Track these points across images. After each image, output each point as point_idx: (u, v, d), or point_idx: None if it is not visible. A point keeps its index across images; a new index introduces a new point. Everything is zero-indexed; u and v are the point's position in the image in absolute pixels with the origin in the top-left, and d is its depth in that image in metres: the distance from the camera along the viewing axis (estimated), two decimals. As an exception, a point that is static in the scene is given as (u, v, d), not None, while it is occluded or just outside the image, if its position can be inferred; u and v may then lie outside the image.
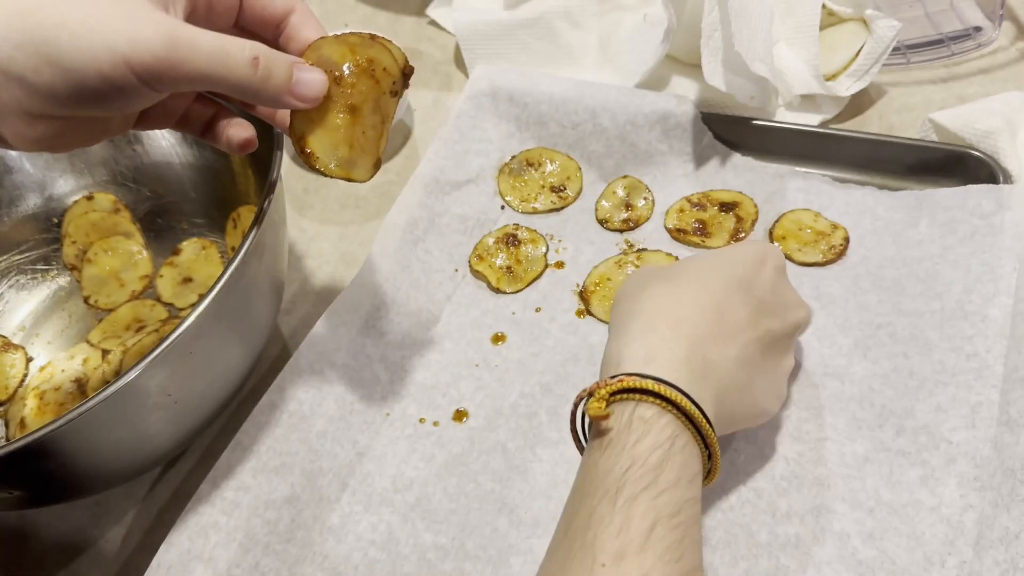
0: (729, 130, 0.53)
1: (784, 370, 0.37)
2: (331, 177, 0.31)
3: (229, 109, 0.33)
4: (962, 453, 0.37)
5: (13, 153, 0.49)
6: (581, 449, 0.33)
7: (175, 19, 0.26)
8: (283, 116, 0.32)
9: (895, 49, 0.54)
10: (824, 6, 0.54)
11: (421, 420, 0.43)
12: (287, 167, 0.58)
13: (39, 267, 0.51)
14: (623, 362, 0.32)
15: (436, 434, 0.43)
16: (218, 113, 0.32)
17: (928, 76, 0.57)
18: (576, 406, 0.33)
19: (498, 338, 0.47)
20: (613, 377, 0.31)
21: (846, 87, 0.53)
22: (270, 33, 0.31)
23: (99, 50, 0.25)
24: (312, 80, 0.29)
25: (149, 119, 0.32)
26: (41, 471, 0.33)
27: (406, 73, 0.31)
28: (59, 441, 0.31)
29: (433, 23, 0.66)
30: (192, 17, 0.29)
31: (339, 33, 0.30)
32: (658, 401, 0.30)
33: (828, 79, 0.54)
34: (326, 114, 0.30)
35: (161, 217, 0.52)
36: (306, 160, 0.30)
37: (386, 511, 0.40)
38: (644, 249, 0.49)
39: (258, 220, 0.35)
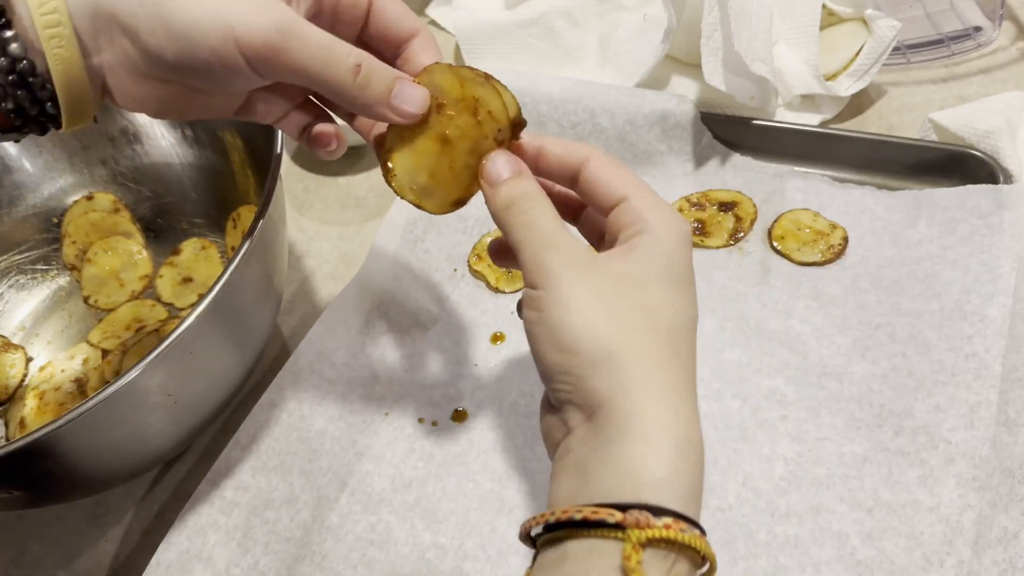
0: (728, 130, 0.53)
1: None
2: (402, 198, 0.31)
3: (327, 115, 0.33)
4: (961, 453, 0.37)
5: (13, 153, 0.49)
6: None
7: (293, 12, 0.27)
8: (376, 132, 0.32)
9: (895, 49, 0.54)
10: (824, 6, 0.55)
11: (420, 420, 0.44)
12: (287, 167, 0.58)
13: (39, 267, 0.51)
14: (663, 490, 0.23)
15: (435, 434, 0.43)
16: (316, 118, 0.32)
17: (928, 76, 0.57)
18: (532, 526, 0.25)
19: (497, 338, 0.47)
20: (652, 511, 0.23)
21: (846, 87, 0.53)
22: (390, 52, 0.31)
23: (213, 24, 0.25)
24: (412, 95, 0.29)
25: (252, 110, 0.31)
26: (41, 471, 0.34)
27: (516, 123, 0.29)
28: (59, 441, 0.31)
29: (433, 23, 0.66)
30: (316, 19, 0.29)
31: (456, 65, 0.29)
32: (692, 553, 0.24)
33: (828, 79, 0.54)
34: (417, 137, 0.29)
35: (161, 217, 0.52)
36: (385, 174, 0.30)
37: (385, 511, 0.40)
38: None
39: (258, 220, 0.35)
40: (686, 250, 0.28)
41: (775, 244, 0.48)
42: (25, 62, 0.26)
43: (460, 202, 0.30)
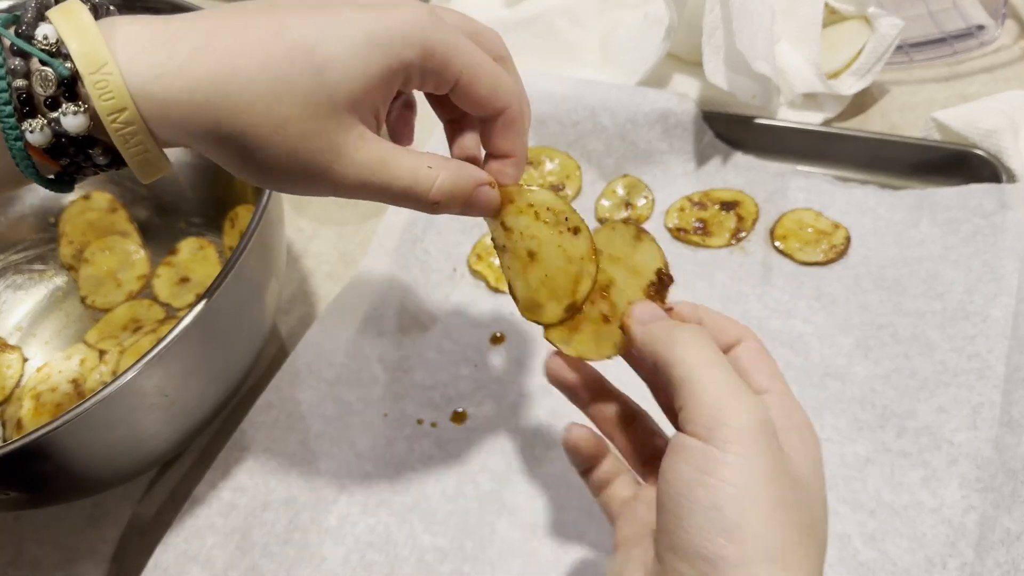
0: (730, 129, 0.52)
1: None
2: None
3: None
4: (964, 454, 0.37)
5: (9, 152, 0.49)
6: None
7: (379, 144, 0.26)
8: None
9: (898, 48, 0.54)
10: (826, 4, 0.54)
11: (419, 421, 0.43)
12: (285, 166, 0.57)
13: (36, 267, 0.51)
14: None
15: (435, 435, 0.43)
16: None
17: (931, 75, 0.56)
18: None
19: (497, 338, 0.46)
20: None
21: (848, 86, 0.53)
22: (479, 116, 0.29)
23: (305, 175, 0.25)
24: (488, 197, 0.28)
25: None
26: (38, 472, 0.33)
27: (663, 279, 0.28)
28: (56, 442, 0.31)
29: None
30: (404, 85, 0.27)
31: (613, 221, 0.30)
32: None
33: (830, 77, 0.54)
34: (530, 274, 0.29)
35: (158, 216, 0.52)
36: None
37: (384, 512, 0.40)
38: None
39: (255, 220, 0.35)
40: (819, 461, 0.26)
41: (777, 244, 0.48)
42: (86, 138, 0.24)
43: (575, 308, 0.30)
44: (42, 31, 0.24)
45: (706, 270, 0.47)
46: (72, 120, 0.24)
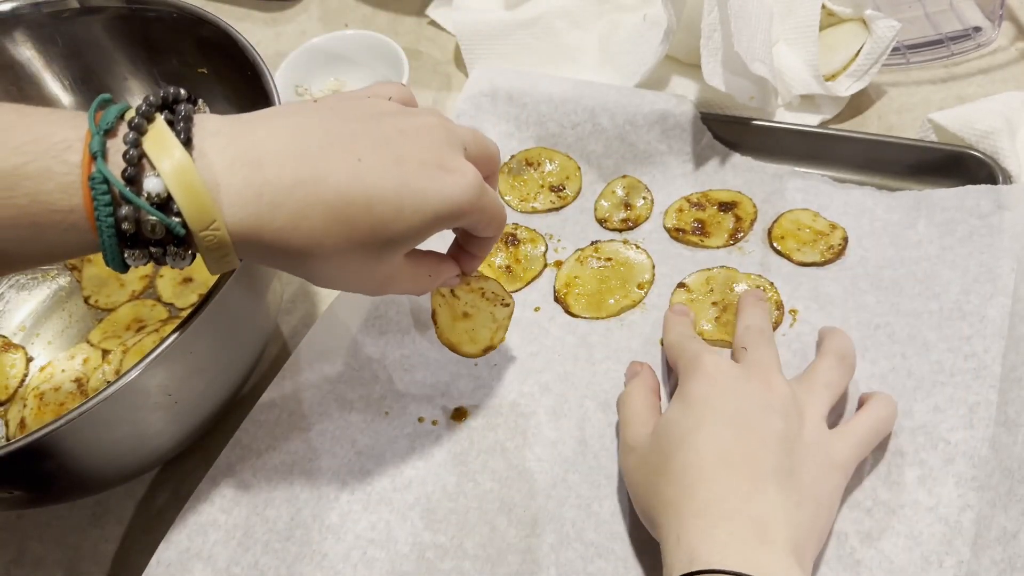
0: (728, 130, 0.53)
1: (816, 427, 0.36)
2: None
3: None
4: (960, 453, 0.37)
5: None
6: None
7: (408, 266, 0.33)
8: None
9: (895, 49, 0.54)
10: (823, 6, 0.55)
11: (420, 419, 0.44)
12: (287, 167, 0.58)
13: (39, 267, 0.51)
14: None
15: (435, 433, 0.43)
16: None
17: (928, 76, 0.57)
18: None
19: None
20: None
21: (845, 87, 0.53)
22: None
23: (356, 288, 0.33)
24: (452, 282, 0.39)
25: None
26: (41, 471, 0.34)
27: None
28: (59, 441, 0.31)
29: (433, 23, 0.66)
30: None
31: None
32: None
33: (827, 79, 0.54)
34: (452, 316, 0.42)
35: (161, 217, 0.52)
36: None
37: (385, 510, 0.40)
38: (598, 241, 0.50)
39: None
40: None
41: (775, 244, 0.48)
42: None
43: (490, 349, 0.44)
44: (150, 186, 0.26)
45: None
46: (176, 261, 0.28)
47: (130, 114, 0.27)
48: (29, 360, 0.48)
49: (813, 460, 0.34)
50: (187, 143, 0.26)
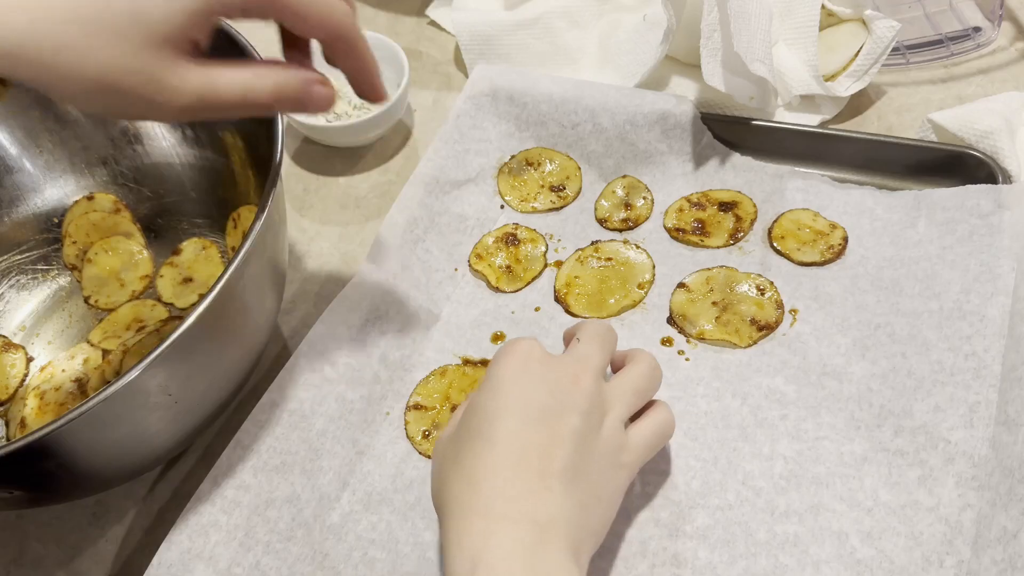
0: (728, 130, 0.53)
1: (612, 428, 0.34)
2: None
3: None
4: (960, 453, 0.37)
5: (14, 153, 0.49)
6: None
7: (201, 69, 0.29)
8: None
9: (894, 49, 0.55)
10: (823, 6, 0.55)
11: (421, 420, 0.44)
12: (287, 167, 0.58)
13: (39, 267, 0.51)
14: None
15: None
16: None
17: (927, 76, 0.57)
18: None
19: (497, 337, 0.47)
20: None
21: (845, 87, 0.53)
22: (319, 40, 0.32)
23: (123, 101, 0.28)
24: (320, 95, 0.32)
25: None
26: (41, 471, 0.34)
27: None
28: (59, 441, 0.31)
29: (433, 23, 0.66)
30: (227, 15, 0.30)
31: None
32: None
33: (827, 79, 0.54)
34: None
35: (161, 217, 0.52)
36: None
37: (386, 510, 0.40)
38: (598, 241, 0.50)
39: (258, 220, 0.35)
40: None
41: (775, 244, 0.48)
42: None
43: None
44: None
45: (705, 270, 0.48)
46: None
47: None
48: (29, 360, 0.48)
49: (604, 460, 0.34)
50: None
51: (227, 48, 0.43)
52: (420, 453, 0.42)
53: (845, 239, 0.47)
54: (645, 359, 0.37)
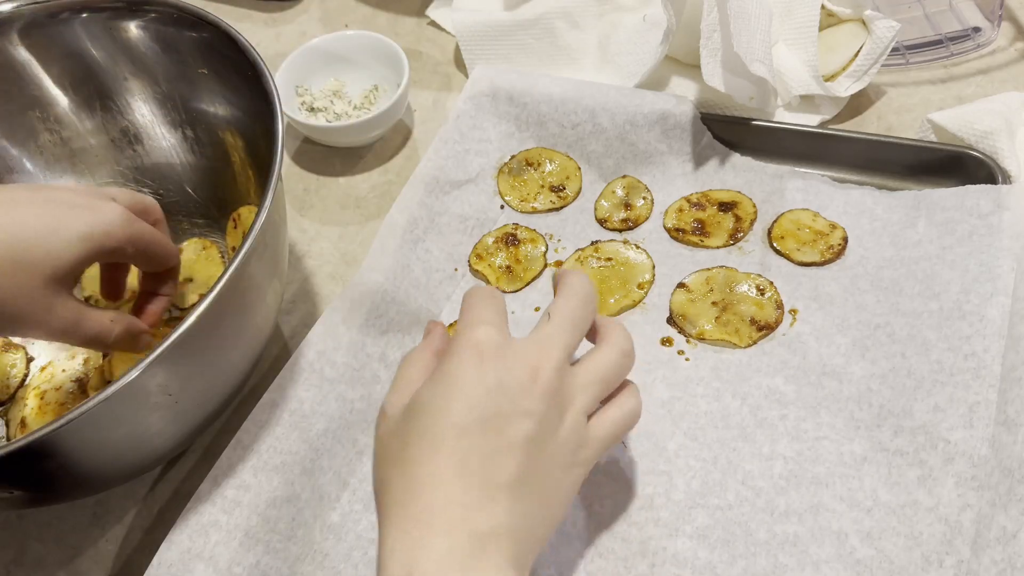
0: (728, 130, 0.53)
1: (573, 424, 0.32)
2: None
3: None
4: (960, 453, 0.37)
5: (14, 153, 0.49)
6: None
7: (76, 305, 0.36)
8: None
9: (894, 50, 0.55)
10: (823, 7, 0.55)
11: (421, 420, 0.44)
12: (287, 167, 0.58)
13: None
14: None
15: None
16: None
17: (927, 77, 0.57)
18: None
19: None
20: None
21: (845, 88, 0.53)
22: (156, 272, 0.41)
23: (22, 321, 0.35)
24: (143, 343, 0.40)
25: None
26: (41, 471, 0.34)
27: None
28: (60, 441, 0.31)
29: (433, 24, 0.66)
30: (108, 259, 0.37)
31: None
32: None
33: (827, 80, 0.54)
34: None
35: (161, 217, 0.52)
36: None
37: (386, 510, 0.40)
38: (598, 241, 0.50)
39: (258, 220, 0.35)
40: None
41: (775, 244, 0.48)
42: None
43: None
44: None
45: (705, 270, 0.48)
46: None
47: None
48: (30, 360, 0.48)
49: (558, 461, 0.32)
50: None
51: (226, 47, 0.43)
52: None
53: (845, 239, 0.47)
54: (617, 341, 0.34)
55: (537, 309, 0.48)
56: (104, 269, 0.43)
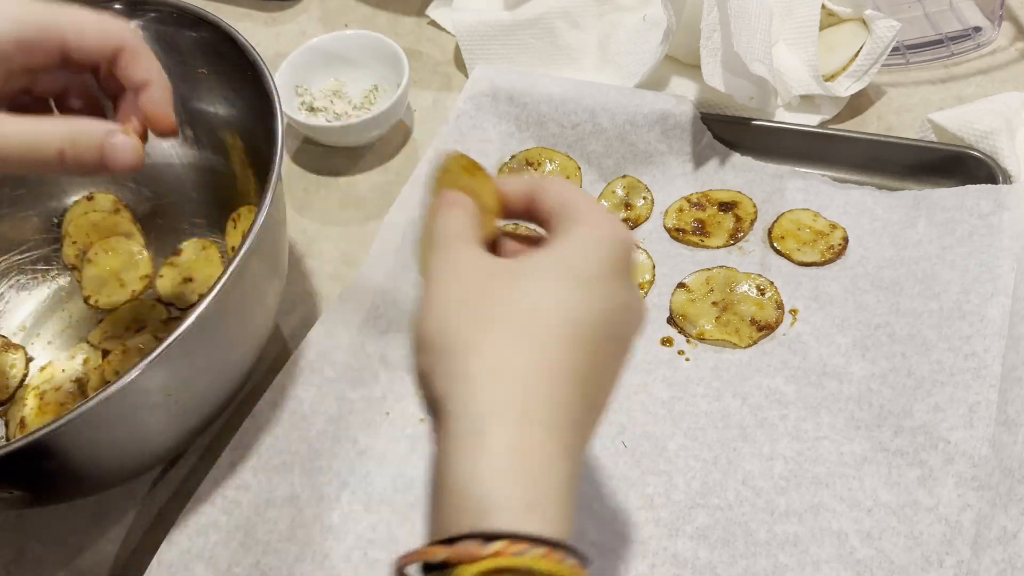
0: (728, 130, 0.53)
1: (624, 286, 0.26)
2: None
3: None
4: (960, 453, 0.37)
5: (14, 153, 0.49)
6: None
7: None
8: None
9: (894, 49, 0.55)
10: (823, 6, 0.55)
11: (421, 420, 0.44)
12: (287, 167, 0.58)
13: (39, 267, 0.51)
14: (492, 509, 0.21)
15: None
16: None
17: (927, 76, 0.57)
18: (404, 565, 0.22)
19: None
20: (484, 538, 0.20)
21: (845, 87, 0.53)
22: (104, 68, 0.30)
23: None
24: (124, 148, 0.29)
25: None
26: (41, 471, 0.34)
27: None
28: (59, 441, 0.31)
29: (433, 23, 0.66)
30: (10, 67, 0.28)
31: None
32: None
33: (827, 79, 0.54)
34: None
35: (161, 217, 0.52)
36: None
37: (386, 510, 0.40)
38: None
39: (258, 220, 0.35)
40: (598, 247, 0.25)
41: (775, 244, 0.48)
42: None
43: None
44: None
45: (705, 270, 0.48)
46: None
47: None
48: (29, 360, 0.48)
49: (622, 358, 0.26)
50: None
51: (226, 47, 0.43)
52: None
53: (845, 239, 0.47)
54: (610, 223, 0.27)
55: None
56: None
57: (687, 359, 0.44)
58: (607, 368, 0.25)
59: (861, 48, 0.53)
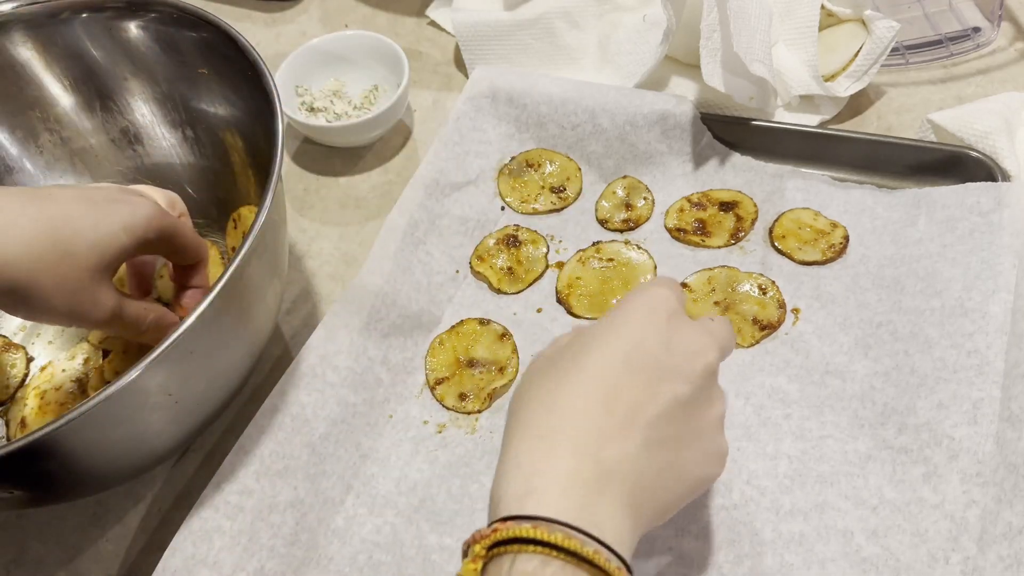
0: (728, 131, 0.53)
1: (713, 422, 0.31)
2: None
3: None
4: (964, 449, 0.37)
5: (14, 153, 0.49)
6: None
7: (116, 295, 0.37)
8: None
9: (894, 50, 0.55)
10: (823, 7, 0.55)
11: (424, 422, 0.43)
12: (287, 167, 0.58)
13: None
14: (501, 502, 0.27)
15: (439, 436, 0.43)
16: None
17: (927, 77, 0.57)
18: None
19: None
20: (491, 525, 0.26)
21: (845, 88, 0.53)
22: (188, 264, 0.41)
23: (70, 313, 0.35)
24: (160, 320, 0.40)
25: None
26: (41, 471, 0.33)
27: None
28: (60, 441, 0.31)
29: (433, 24, 0.66)
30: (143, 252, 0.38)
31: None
32: (540, 548, 0.25)
33: (827, 80, 0.54)
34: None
35: (161, 218, 0.52)
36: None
37: (390, 513, 0.40)
38: (599, 241, 0.50)
39: (258, 220, 0.35)
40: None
41: (776, 243, 0.48)
42: None
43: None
44: None
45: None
46: None
47: None
48: (29, 360, 0.48)
49: (700, 442, 0.30)
50: None
51: (226, 47, 0.43)
52: (465, 413, 0.43)
53: (846, 238, 0.47)
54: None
55: (540, 310, 0.48)
56: (131, 267, 0.43)
57: (689, 358, 0.44)
58: (618, 389, 0.29)
59: (861, 48, 0.53)
